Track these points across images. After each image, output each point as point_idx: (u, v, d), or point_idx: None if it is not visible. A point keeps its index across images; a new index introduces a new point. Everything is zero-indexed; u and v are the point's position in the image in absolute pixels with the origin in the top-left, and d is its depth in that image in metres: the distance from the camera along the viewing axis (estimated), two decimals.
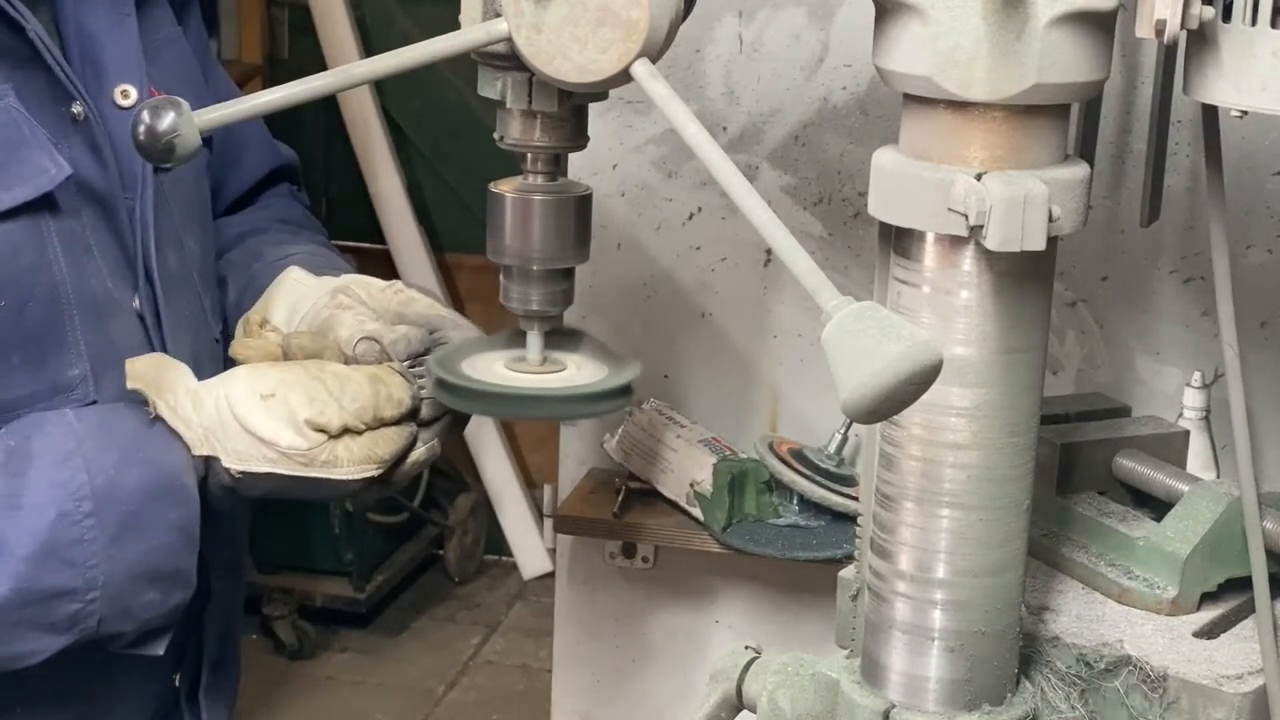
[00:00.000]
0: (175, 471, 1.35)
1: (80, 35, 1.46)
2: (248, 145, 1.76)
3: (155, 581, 1.36)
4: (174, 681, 1.58)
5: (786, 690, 1.34)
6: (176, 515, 1.35)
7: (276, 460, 1.37)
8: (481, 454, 4.79)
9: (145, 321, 1.48)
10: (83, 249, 1.42)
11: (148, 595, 1.36)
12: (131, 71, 1.48)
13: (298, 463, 1.37)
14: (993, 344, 1.19)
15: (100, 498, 1.32)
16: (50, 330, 1.40)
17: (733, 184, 1.12)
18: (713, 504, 2.04)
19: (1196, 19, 1.13)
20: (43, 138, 1.38)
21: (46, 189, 1.38)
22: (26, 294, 1.38)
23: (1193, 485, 1.47)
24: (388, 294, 1.52)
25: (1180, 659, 1.34)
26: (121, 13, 1.49)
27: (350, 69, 1.23)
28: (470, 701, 4.25)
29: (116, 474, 1.33)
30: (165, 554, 1.35)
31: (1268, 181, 1.90)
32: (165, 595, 1.37)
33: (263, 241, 1.68)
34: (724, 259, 2.14)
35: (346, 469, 1.38)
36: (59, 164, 1.39)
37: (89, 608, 1.33)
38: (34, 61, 1.39)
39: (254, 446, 1.37)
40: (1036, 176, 1.13)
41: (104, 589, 1.32)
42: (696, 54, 2.06)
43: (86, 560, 1.31)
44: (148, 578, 1.35)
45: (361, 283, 1.53)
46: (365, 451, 1.38)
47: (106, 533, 1.32)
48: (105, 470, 1.33)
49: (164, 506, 1.34)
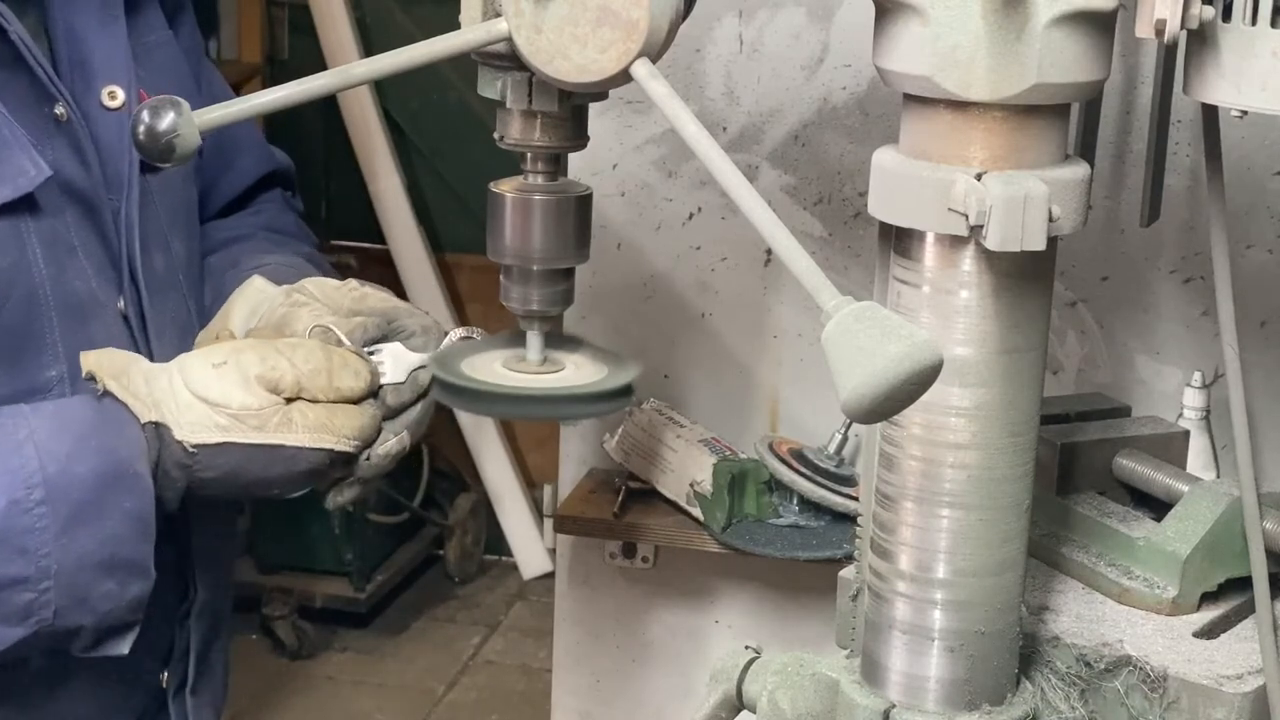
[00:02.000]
0: (129, 459, 1.34)
1: (69, 36, 1.46)
2: (241, 149, 1.76)
3: (111, 571, 1.34)
4: (161, 681, 1.57)
5: (786, 690, 1.34)
6: (131, 503, 1.34)
7: (229, 427, 1.36)
8: (481, 454, 4.79)
9: (130, 323, 1.48)
10: (65, 250, 1.42)
11: (104, 585, 1.34)
12: (119, 73, 1.48)
13: (250, 426, 1.36)
14: (993, 344, 1.19)
15: (52, 485, 1.30)
16: (28, 331, 1.40)
17: (733, 184, 1.12)
18: (713, 504, 2.04)
19: (1196, 19, 1.13)
20: (23, 139, 1.38)
21: (26, 190, 1.38)
22: (4, 294, 1.38)
23: (1193, 485, 1.47)
24: (342, 291, 1.52)
25: (1180, 659, 1.34)
26: (110, 14, 1.49)
27: (350, 69, 1.23)
28: (470, 701, 4.25)
29: (69, 461, 1.32)
30: (120, 543, 1.34)
31: (1268, 181, 1.90)
32: (122, 586, 1.35)
33: (243, 249, 1.68)
34: (724, 259, 2.14)
35: (301, 434, 1.37)
36: (39, 165, 1.39)
37: (43, 597, 1.31)
38: (16, 63, 1.40)
39: (206, 415, 1.36)
40: (1036, 176, 1.13)
41: (57, 578, 1.31)
42: (696, 54, 2.06)
43: (39, 549, 1.30)
44: (103, 567, 1.33)
45: (316, 282, 1.53)
46: (321, 420, 1.38)
47: (59, 521, 1.30)
48: (57, 458, 1.31)
49: (117, 494, 1.33)
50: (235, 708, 1.74)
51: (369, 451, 1.43)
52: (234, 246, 1.69)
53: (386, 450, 1.44)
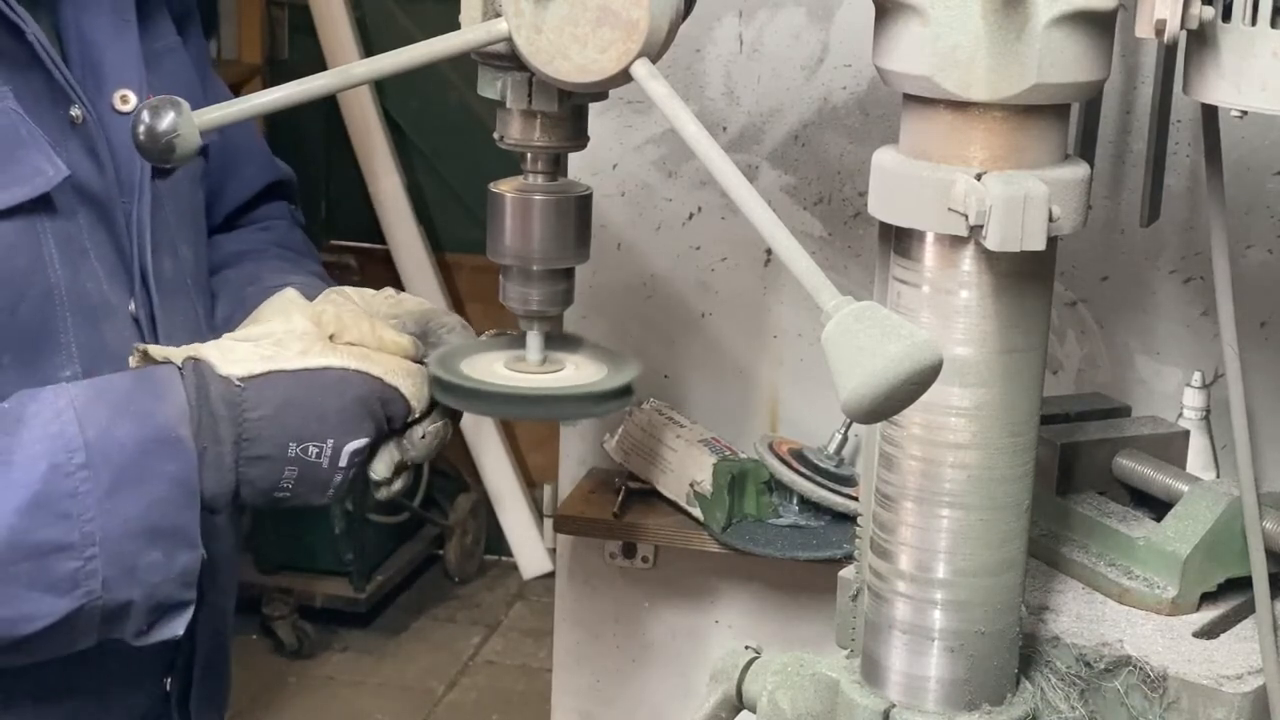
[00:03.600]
0: (170, 424, 1.32)
1: (81, 41, 1.47)
2: (245, 158, 1.76)
3: (156, 539, 1.32)
4: (165, 686, 1.57)
5: (786, 690, 1.34)
6: (173, 468, 1.32)
7: (273, 356, 1.35)
8: (481, 454, 4.79)
9: (141, 325, 1.48)
10: (79, 251, 1.43)
11: (150, 555, 1.32)
12: (131, 77, 1.49)
13: (295, 351, 1.36)
14: (993, 344, 1.19)
15: (93, 449, 1.30)
16: (43, 331, 1.40)
17: (733, 184, 1.12)
18: (713, 504, 2.04)
19: (1196, 19, 1.13)
20: (41, 140, 1.39)
21: (44, 190, 1.38)
22: (20, 294, 1.38)
23: (1193, 485, 1.47)
24: (379, 298, 1.52)
25: (1180, 659, 1.34)
26: (122, 19, 1.50)
27: (350, 69, 1.23)
28: (470, 701, 4.25)
29: (109, 426, 1.31)
30: (164, 509, 1.32)
31: (1268, 181, 1.90)
32: (169, 556, 1.33)
33: (261, 267, 1.67)
34: (724, 259, 2.14)
35: (347, 359, 1.37)
36: (56, 166, 1.39)
37: (89, 565, 1.29)
38: (33, 64, 1.40)
39: (249, 350, 1.36)
40: (1036, 176, 1.13)
41: (102, 545, 1.30)
42: (696, 54, 2.06)
43: (82, 514, 1.29)
44: (148, 535, 1.32)
45: (353, 289, 1.53)
46: (366, 353, 1.38)
47: (101, 485, 1.29)
48: (98, 422, 1.31)
49: (159, 459, 1.32)
50: (235, 708, 1.74)
51: (421, 428, 1.42)
52: (248, 263, 1.69)
53: (436, 429, 1.42)
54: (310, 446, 1.36)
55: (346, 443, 1.37)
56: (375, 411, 1.38)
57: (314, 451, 1.36)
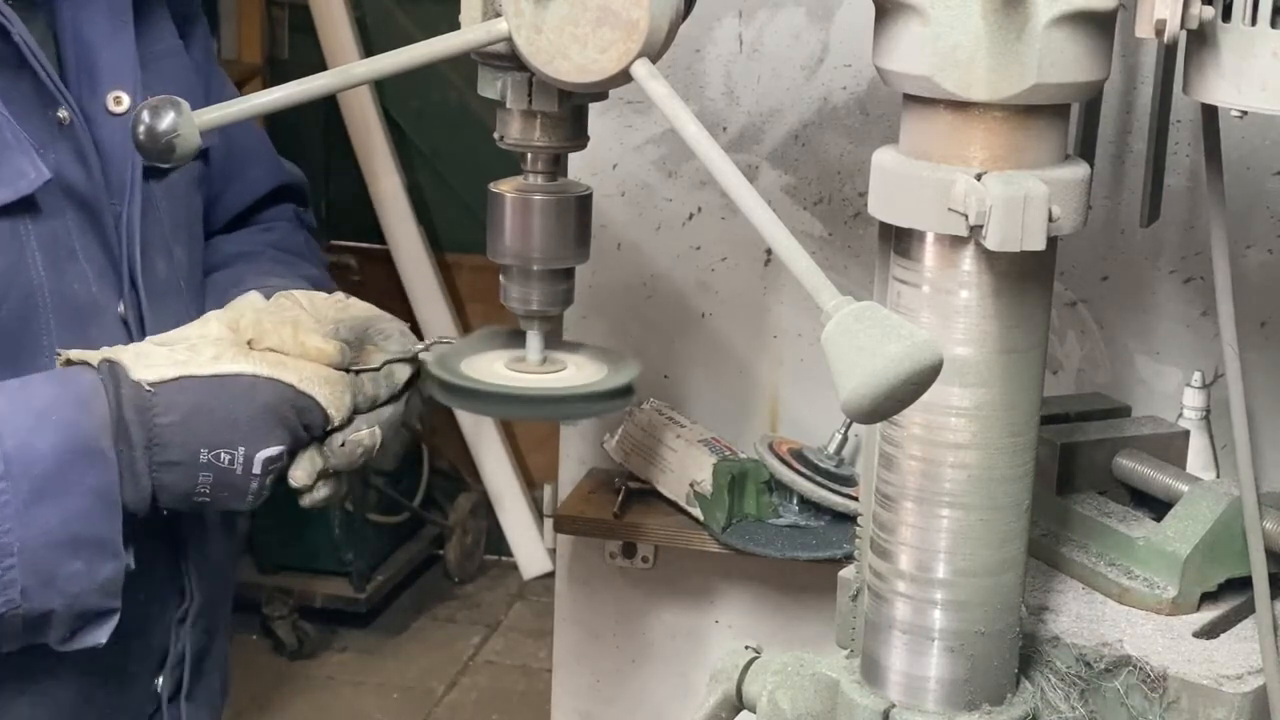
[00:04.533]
0: (92, 434, 1.31)
1: (76, 41, 1.47)
2: (252, 161, 1.75)
3: (77, 550, 1.31)
4: (155, 686, 1.57)
5: (786, 690, 1.34)
6: (94, 479, 1.31)
7: (186, 361, 1.34)
8: (481, 454, 4.79)
9: (129, 327, 1.47)
10: (65, 253, 1.42)
11: (71, 565, 1.31)
12: (126, 78, 1.48)
13: (208, 357, 1.34)
14: (993, 344, 1.19)
15: (12, 461, 1.28)
16: (25, 332, 1.40)
17: (733, 184, 1.12)
18: (713, 504, 2.04)
19: (1196, 19, 1.13)
20: (25, 142, 1.38)
21: (25, 193, 1.38)
22: (1, 295, 1.38)
23: (1193, 485, 1.47)
24: (329, 302, 1.50)
25: (1180, 659, 1.34)
26: (119, 21, 1.50)
27: (350, 69, 1.23)
28: (470, 701, 4.25)
29: (30, 436, 1.29)
30: (85, 520, 1.31)
31: (1268, 181, 1.90)
32: (90, 566, 1.32)
33: (250, 269, 1.66)
34: (724, 259, 2.14)
35: (260, 366, 1.35)
36: (39, 169, 1.39)
37: (7, 575, 1.28)
38: (20, 66, 1.40)
39: (164, 355, 1.34)
40: (1036, 176, 1.13)
41: (21, 555, 1.28)
42: (696, 54, 2.06)
43: (1, 524, 1.28)
44: (69, 545, 1.30)
45: (304, 293, 1.51)
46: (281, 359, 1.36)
47: (20, 496, 1.28)
48: (18, 432, 1.29)
49: (80, 470, 1.30)
50: (235, 708, 1.74)
51: (341, 436, 1.40)
52: (240, 264, 1.68)
53: (358, 439, 1.40)
54: (222, 453, 1.34)
55: (258, 450, 1.35)
56: (288, 419, 1.36)
57: (226, 458, 1.35)
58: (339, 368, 1.40)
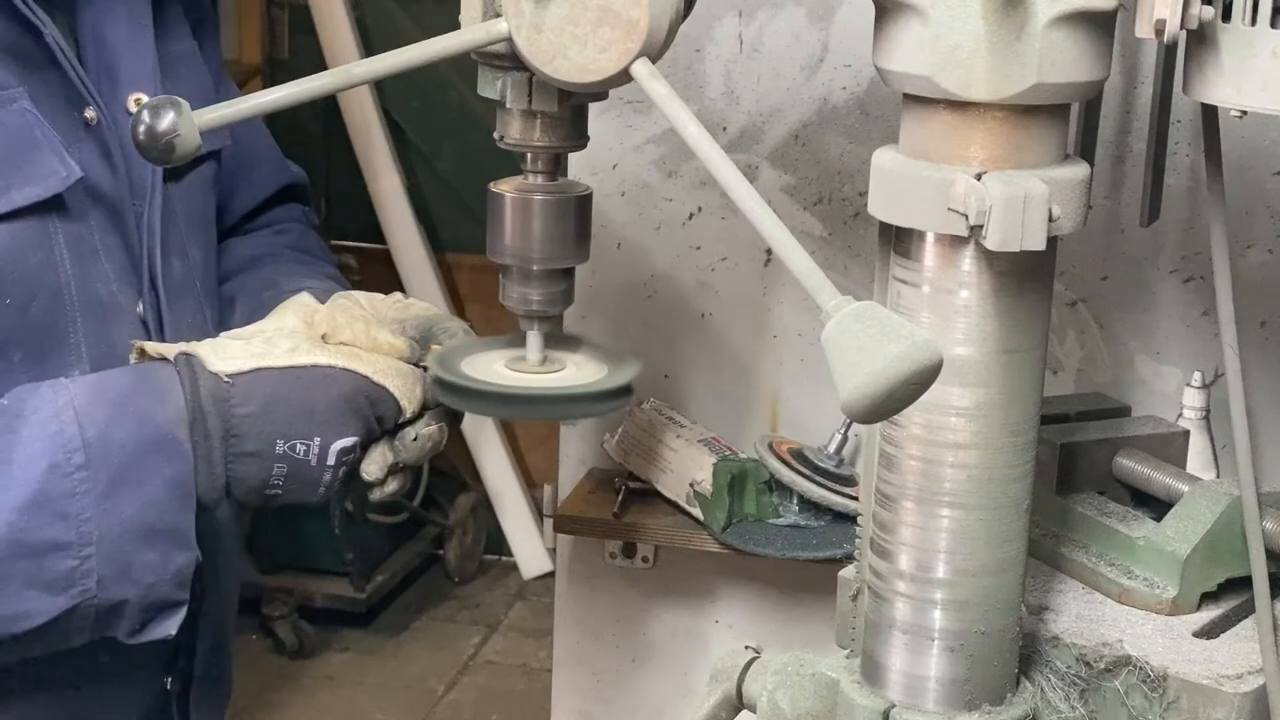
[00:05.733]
0: (168, 425, 1.33)
1: (97, 43, 1.47)
2: (258, 161, 1.76)
3: (152, 539, 1.33)
4: (164, 685, 1.57)
5: (786, 690, 1.34)
6: (170, 469, 1.33)
7: (263, 353, 1.35)
8: (481, 454, 4.79)
9: (148, 327, 1.48)
10: (89, 252, 1.43)
11: (146, 555, 1.33)
12: (146, 81, 1.49)
13: (284, 349, 1.36)
14: (993, 344, 1.19)
15: (92, 450, 1.30)
16: (53, 330, 1.40)
17: (733, 184, 1.12)
18: (713, 504, 2.04)
19: (1196, 19, 1.13)
20: (55, 141, 1.39)
21: (56, 190, 1.39)
22: (31, 293, 1.38)
23: (1193, 485, 1.47)
24: (386, 302, 1.52)
25: (1180, 659, 1.34)
26: (139, 23, 1.50)
27: (350, 69, 1.23)
28: (470, 701, 4.25)
29: (108, 427, 1.31)
30: (160, 509, 1.33)
31: (1268, 181, 1.90)
32: (164, 556, 1.34)
33: (278, 272, 1.68)
34: (724, 259, 2.14)
35: (335, 357, 1.37)
36: (69, 167, 1.39)
37: (85, 565, 1.30)
38: (50, 65, 1.40)
39: (240, 347, 1.36)
40: (1036, 176, 1.13)
41: (99, 544, 1.30)
42: (696, 54, 2.06)
43: (80, 513, 1.29)
44: (144, 535, 1.32)
45: (363, 294, 1.53)
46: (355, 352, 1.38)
47: (99, 486, 1.30)
48: (97, 422, 1.31)
49: (157, 460, 1.32)
50: (235, 707, 1.74)
51: (414, 430, 1.42)
52: (266, 267, 1.69)
53: (429, 433, 1.42)
54: (298, 444, 1.36)
55: (334, 440, 1.37)
56: (363, 410, 1.38)
57: (301, 449, 1.36)
58: (409, 363, 1.42)
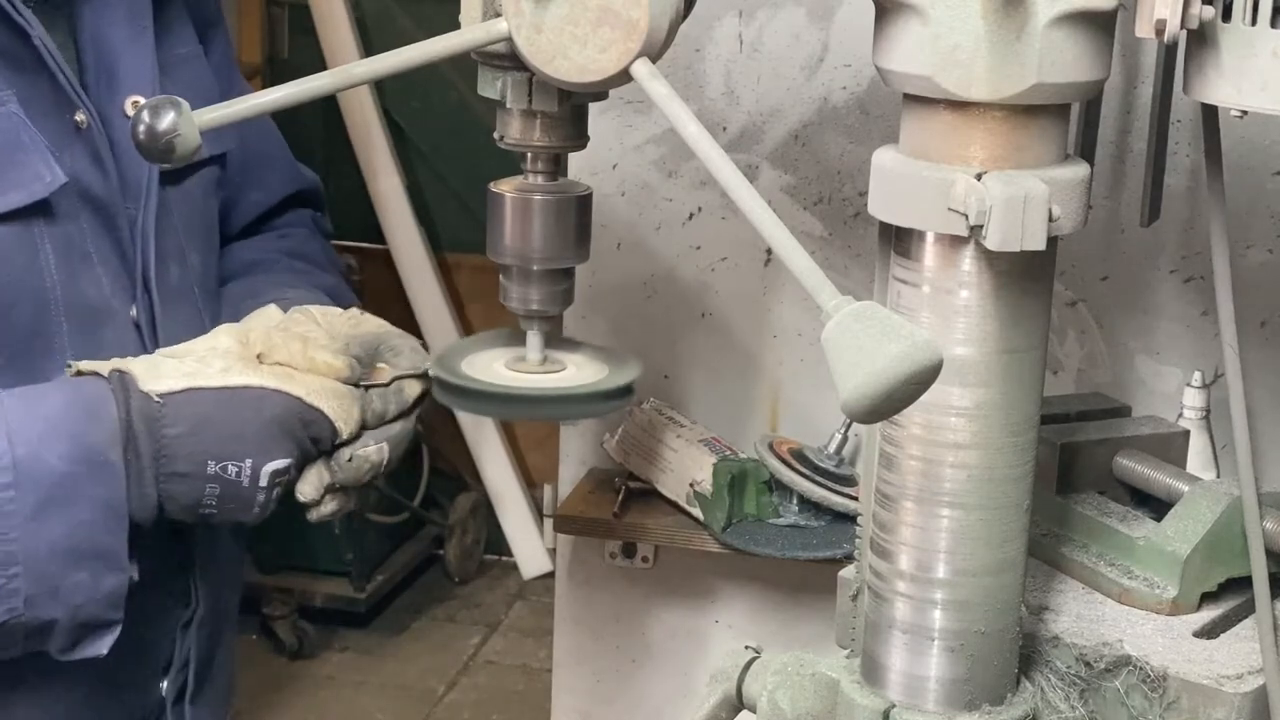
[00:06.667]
0: (100, 446, 1.31)
1: (96, 45, 1.47)
2: (270, 166, 1.75)
3: (81, 561, 1.31)
4: (160, 690, 1.57)
5: (786, 690, 1.34)
6: (102, 491, 1.31)
7: (194, 373, 1.34)
8: (481, 454, 4.79)
9: (141, 331, 1.47)
10: (79, 256, 1.42)
11: (75, 575, 1.31)
12: (145, 83, 1.49)
13: (217, 369, 1.34)
14: (993, 344, 1.19)
15: (21, 469, 1.28)
16: (37, 334, 1.40)
17: (733, 184, 1.12)
18: (713, 504, 2.04)
19: (1196, 19, 1.13)
20: (41, 145, 1.39)
21: (40, 196, 1.38)
22: (14, 297, 1.38)
23: (1193, 485, 1.47)
24: (342, 318, 1.50)
25: (1180, 659, 1.34)
26: (139, 26, 1.50)
27: (350, 69, 1.23)
28: (470, 701, 4.25)
29: (39, 445, 1.29)
30: (90, 531, 1.31)
31: (1268, 181, 1.90)
32: (95, 577, 1.32)
33: (265, 280, 1.66)
34: (724, 259, 2.14)
35: (268, 379, 1.35)
36: (54, 172, 1.39)
37: (12, 584, 1.28)
38: (39, 68, 1.40)
39: (173, 366, 1.35)
40: (1036, 176, 1.13)
41: (25, 564, 1.28)
42: (696, 54, 2.06)
43: (7, 533, 1.28)
44: (73, 556, 1.30)
45: (319, 309, 1.51)
46: (289, 373, 1.36)
47: (25, 507, 1.28)
48: (28, 441, 1.29)
49: (88, 482, 1.30)
50: (235, 708, 1.74)
51: (349, 451, 1.40)
52: (257, 275, 1.68)
53: (366, 454, 1.41)
54: (229, 465, 1.34)
55: (265, 462, 1.35)
56: (295, 432, 1.37)
57: (233, 470, 1.35)
58: (348, 383, 1.41)
